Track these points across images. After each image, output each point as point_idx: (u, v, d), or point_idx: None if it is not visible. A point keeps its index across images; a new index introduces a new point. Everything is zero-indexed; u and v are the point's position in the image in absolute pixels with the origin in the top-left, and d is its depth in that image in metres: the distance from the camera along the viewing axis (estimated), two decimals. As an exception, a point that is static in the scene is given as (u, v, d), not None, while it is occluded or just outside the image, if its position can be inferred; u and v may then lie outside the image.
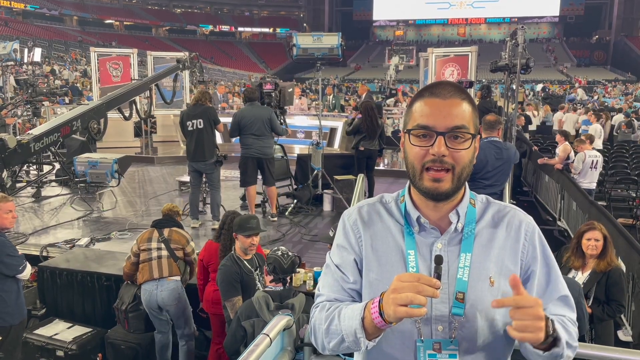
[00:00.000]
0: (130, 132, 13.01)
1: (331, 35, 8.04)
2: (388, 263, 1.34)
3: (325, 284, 1.43)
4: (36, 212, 7.78)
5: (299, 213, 7.60)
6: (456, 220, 1.33)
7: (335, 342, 1.30)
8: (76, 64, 35.70)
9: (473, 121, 1.30)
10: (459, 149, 1.27)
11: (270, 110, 7.07)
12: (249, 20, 70.71)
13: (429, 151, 1.26)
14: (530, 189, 10.83)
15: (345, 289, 1.39)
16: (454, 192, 1.29)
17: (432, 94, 1.30)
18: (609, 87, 38.49)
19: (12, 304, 3.96)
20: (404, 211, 1.37)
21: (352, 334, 1.24)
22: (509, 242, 1.34)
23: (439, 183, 1.27)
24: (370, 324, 1.20)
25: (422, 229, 1.34)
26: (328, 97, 15.04)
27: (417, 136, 1.28)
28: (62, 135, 6.97)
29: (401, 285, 1.14)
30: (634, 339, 4.74)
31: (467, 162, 1.29)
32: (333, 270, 1.42)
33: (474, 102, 1.35)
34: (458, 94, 1.30)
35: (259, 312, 3.30)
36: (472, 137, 1.29)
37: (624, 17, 58.73)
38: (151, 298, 4.48)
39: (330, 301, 1.38)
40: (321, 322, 1.34)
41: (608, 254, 3.91)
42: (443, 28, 68.18)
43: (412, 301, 1.11)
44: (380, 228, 1.38)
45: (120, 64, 13.00)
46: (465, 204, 1.35)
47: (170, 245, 4.61)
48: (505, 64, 8.79)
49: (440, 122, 1.26)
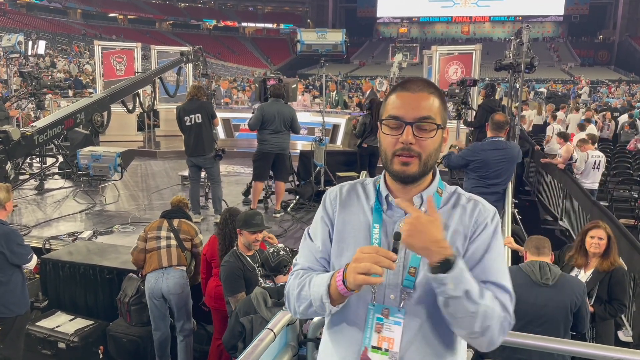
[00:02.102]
0: (133, 125, 13.02)
1: (335, 32, 8.02)
2: (355, 236, 1.48)
3: (301, 254, 1.59)
4: (39, 204, 7.80)
5: (301, 209, 7.61)
6: (419, 203, 1.46)
7: (304, 306, 1.47)
8: (79, 57, 35.66)
9: (440, 113, 1.43)
10: (425, 137, 1.40)
11: (292, 110, 7.12)
12: (253, 15, 70.62)
13: (399, 139, 1.39)
14: (533, 189, 10.82)
15: (317, 259, 1.55)
16: (420, 175, 1.43)
17: (404, 88, 1.44)
18: (612, 87, 38.38)
19: (18, 294, 3.99)
20: (377, 190, 1.51)
21: (319, 300, 1.40)
22: (461, 227, 1.44)
23: (406, 167, 1.40)
24: (335, 291, 1.36)
25: (390, 208, 1.47)
26: (331, 93, 15.03)
27: (389, 126, 1.42)
28: (66, 128, 6.96)
29: (361, 256, 1.29)
30: (634, 339, 4.75)
31: (432, 150, 1.42)
32: (308, 242, 1.59)
33: (443, 97, 1.47)
34: (427, 89, 1.43)
35: (257, 308, 3.30)
36: (438, 127, 1.41)
37: (629, 17, 58.55)
38: (156, 285, 4.50)
39: (305, 270, 1.54)
40: (294, 288, 1.50)
41: (611, 253, 3.92)
42: (447, 26, 68.03)
43: (369, 270, 1.26)
44: (355, 205, 1.53)
45: (124, 57, 13.00)
46: (432, 191, 1.47)
47: (180, 235, 4.64)
48: (510, 63, 8.76)
49: (409, 113, 1.40)
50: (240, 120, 12.17)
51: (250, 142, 10.34)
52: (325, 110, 9.17)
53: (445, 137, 1.47)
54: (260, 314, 3.30)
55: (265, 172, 7.18)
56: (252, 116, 7.07)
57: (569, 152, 8.86)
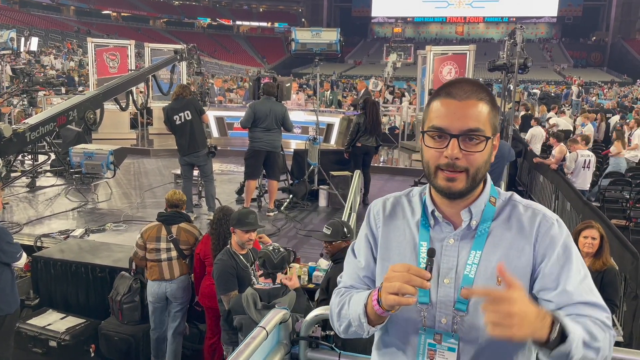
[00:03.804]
0: (126, 123, 12.97)
1: (330, 31, 8.02)
2: (401, 254, 1.38)
3: (346, 272, 1.51)
4: (31, 202, 7.75)
5: (295, 208, 7.60)
6: (468, 218, 1.33)
7: (345, 325, 1.40)
8: (72, 55, 35.45)
9: (490, 122, 1.29)
10: (473, 151, 1.26)
11: (284, 108, 7.11)
12: (248, 14, 70.45)
13: (443, 153, 1.26)
14: (525, 189, 10.87)
15: (360, 277, 1.46)
16: (468, 191, 1.30)
17: (448, 94, 1.29)
18: (605, 89, 38.60)
19: (8, 292, 3.95)
20: (423, 204, 1.40)
21: (357, 319, 1.32)
22: (521, 242, 1.31)
23: (452, 183, 1.27)
24: (372, 311, 1.28)
25: (437, 223, 1.37)
26: (326, 92, 15.02)
27: (432, 137, 1.29)
28: (58, 125, 6.91)
29: (393, 275, 1.19)
30: (625, 339, 4.78)
31: (481, 163, 1.28)
32: (351, 259, 1.50)
33: (494, 101, 1.33)
34: (475, 94, 1.28)
35: (246, 309, 3.30)
36: (487, 139, 1.28)
37: (622, 19, 58.92)
38: (160, 290, 4.51)
39: (347, 288, 1.47)
40: (335, 306, 1.44)
41: (604, 253, 3.95)
42: (441, 26, 68.17)
43: (400, 290, 1.16)
44: (400, 220, 1.43)
45: (117, 55, 12.93)
46: (482, 202, 1.34)
47: (180, 246, 4.57)
48: (503, 63, 8.81)
49: (454, 124, 1.26)
50: (234, 119, 12.15)
51: (244, 141, 10.27)
52: (319, 109, 9.16)
53: (495, 145, 1.32)
54: (250, 315, 3.29)
55: (257, 170, 7.17)
56: (244, 114, 7.07)
57: (562, 152, 8.90)
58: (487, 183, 1.36)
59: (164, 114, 6.88)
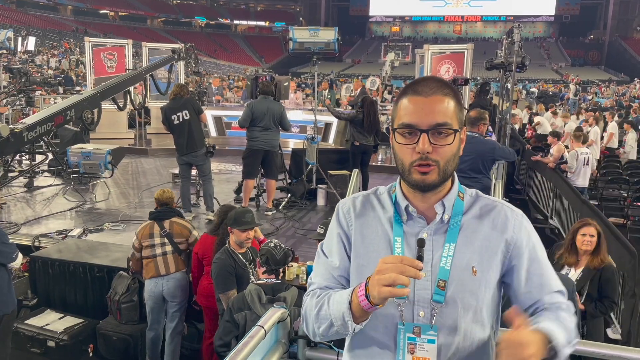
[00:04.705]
0: (124, 123, 12.94)
1: (328, 30, 8.04)
2: (375, 250, 1.39)
3: (317, 273, 1.48)
4: (28, 202, 7.73)
5: (293, 207, 7.60)
6: (442, 211, 1.37)
7: (325, 326, 1.35)
8: (70, 54, 35.38)
9: (457, 116, 1.34)
10: (442, 144, 1.31)
11: (282, 107, 7.11)
12: (245, 13, 70.43)
13: (415, 149, 1.30)
14: (523, 187, 10.89)
15: (334, 276, 1.44)
16: (440, 183, 1.34)
17: (415, 91, 1.33)
18: (602, 87, 38.66)
19: (4, 293, 3.94)
20: (394, 201, 1.42)
21: (341, 318, 1.29)
22: (493, 235, 1.37)
23: (425, 175, 1.32)
24: (357, 307, 1.25)
25: (410, 218, 1.39)
26: (324, 92, 15.02)
27: (402, 134, 1.33)
28: (56, 125, 6.90)
29: (385, 267, 1.19)
30: (623, 337, 4.79)
31: (451, 156, 1.33)
32: (323, 259, 1.48)
33: (458, 96, 1.38)
34: (440, 90, 1.32)
35: (251, 304, 3.29)
36: (455, 132, 1.32)
37: (619, 18, 59.05)
38: (156, 289, 4.48)
39: (321, 289, 1.43)
40: (312, 308, 1.40)
41: (601, 250, 3.96)
42: (439, 25, 68.24)
43: (395, 281, 1.16)
44: (371, 217, 1.44)
45: (114, 54, 12.90)
46: (453, 197, 1.39)
47: (174, 239, 4.55)
48: (501, 62, 8.80)
49: (423, 120, 1.30)
50: (232, 118, 12.14)
51: (242, 140, 10.27)
52: (317, 108, 9.16)
53: (462, 138, 1.38)
54: (255, 310, 3.29)
55: (255, 170, 7.17)
56: (242, 113, 7.06)
57: (560, 151, 8.91)
58: (454, 179, 1.41)
59: (162, 114, 6.87)
